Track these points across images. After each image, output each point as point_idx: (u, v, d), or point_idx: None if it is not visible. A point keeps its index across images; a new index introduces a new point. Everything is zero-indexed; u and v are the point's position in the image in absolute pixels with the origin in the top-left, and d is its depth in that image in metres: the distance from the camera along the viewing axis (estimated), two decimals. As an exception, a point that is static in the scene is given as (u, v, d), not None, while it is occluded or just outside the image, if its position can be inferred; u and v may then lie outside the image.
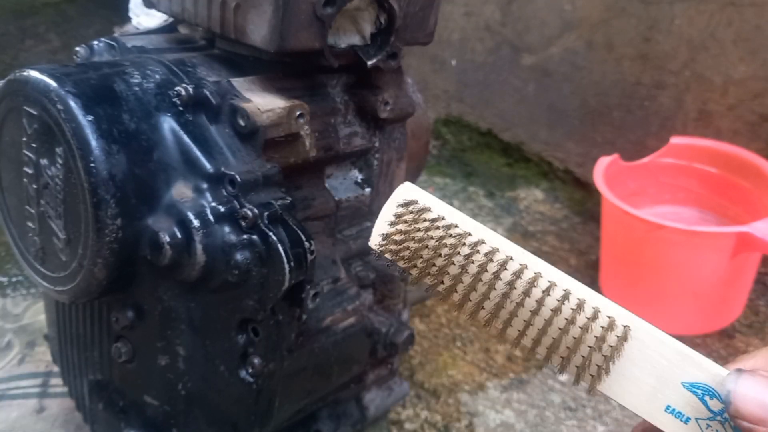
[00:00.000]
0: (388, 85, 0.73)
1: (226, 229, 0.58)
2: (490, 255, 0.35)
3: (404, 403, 0.95)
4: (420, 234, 0.36)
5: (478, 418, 0.93)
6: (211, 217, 0.58)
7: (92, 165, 0.56)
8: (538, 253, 1.30)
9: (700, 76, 1.23)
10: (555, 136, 1.47)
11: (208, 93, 0.61)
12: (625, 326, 0.33)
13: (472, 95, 1.59)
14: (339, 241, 0.73)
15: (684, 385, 0.33)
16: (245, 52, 0.67)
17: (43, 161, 0.61)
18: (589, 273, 1.24)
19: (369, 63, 0.67)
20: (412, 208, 0.36)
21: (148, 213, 0.59)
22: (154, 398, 0.70)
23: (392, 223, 0.37)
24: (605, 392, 0.34)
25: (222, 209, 0.58)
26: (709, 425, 0.33)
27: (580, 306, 0.34)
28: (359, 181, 0.75)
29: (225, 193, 0.59)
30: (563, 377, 1.00)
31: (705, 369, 0.33)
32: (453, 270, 0.35)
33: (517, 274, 0.34)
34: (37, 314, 1.09)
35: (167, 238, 0.57)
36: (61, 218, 0.61)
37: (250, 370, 0.62)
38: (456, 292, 0.35)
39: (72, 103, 0.57)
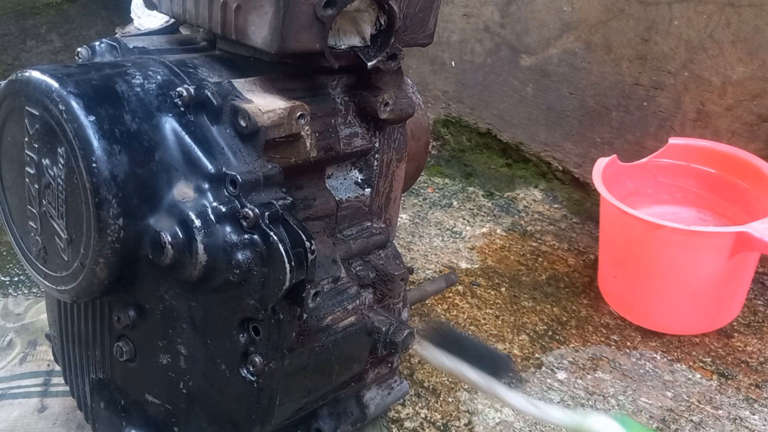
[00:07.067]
0: (387, 86, 0.73)
1: (228, 228, 0.58)
2: None
3: (404, 402, 0.96)
4: None
5: (478, 417, 0.94)
6: (212, 217, 0.58)
7: (94, 165, 0.57)
8: (536, 252, 1.31)
9: (698, 76, 1.24)
10: (554, 136, 1.48)
11: (209, 94, 0.61)
12: None
13: (471, 96, 1.59)
14: (339, 240, 0.73)
15: None
16: (246, 53, 0.68)
17: (45, 161, 0.61)
18: (588, 273, 1.25)
19: (369, 64, 0.67)
20: None
21: (149, 213, 0.60)
22: (155, 397, 0.70)
23: None
24: None
25: (223, 209, 0.59)
26: None
27: None
28: (359, 181, 0.75)
29: (226, 193, 0.59)
30: (562, 376, 1.01)
31: None
32: None
33: None
34: (38, 313, 1.09)
35: (169, 238, 0.58)
36: (62, 218, 0.62)
37: (251, 369, 0.62)
38: None
39: (74, 104, 0.57)
